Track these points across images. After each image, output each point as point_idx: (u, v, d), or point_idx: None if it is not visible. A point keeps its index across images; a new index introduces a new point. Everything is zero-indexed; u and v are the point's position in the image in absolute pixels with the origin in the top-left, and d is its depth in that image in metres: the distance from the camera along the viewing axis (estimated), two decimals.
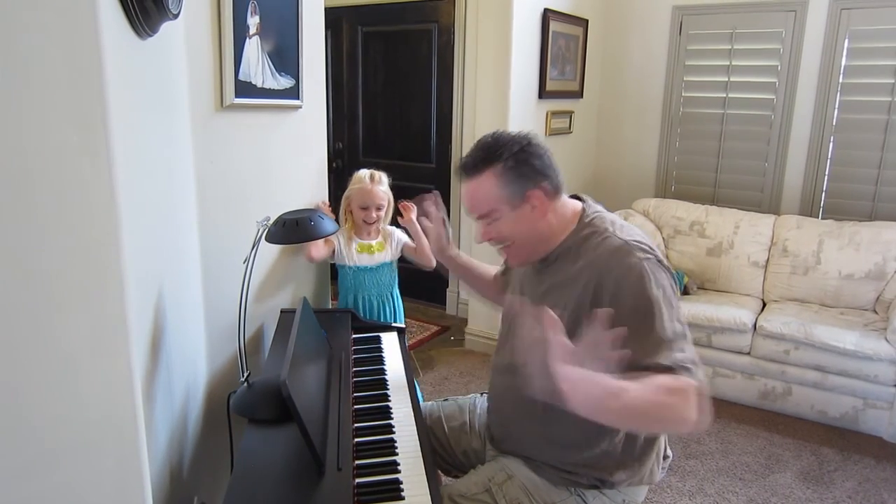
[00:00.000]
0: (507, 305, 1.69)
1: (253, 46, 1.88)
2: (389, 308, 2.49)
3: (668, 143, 4.37)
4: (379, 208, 2.38)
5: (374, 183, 2.37)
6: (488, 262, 1.93)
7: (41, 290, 0.82)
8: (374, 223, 2.39)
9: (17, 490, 0.84)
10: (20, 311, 0.81)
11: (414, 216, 2.15)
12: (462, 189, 1.50)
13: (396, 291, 2.54)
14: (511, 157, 1.43)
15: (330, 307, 2.57)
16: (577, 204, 1.54)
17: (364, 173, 2.41)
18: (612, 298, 1.34)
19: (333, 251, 2.38)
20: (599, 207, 1.55)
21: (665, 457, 1.61)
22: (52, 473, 0.87)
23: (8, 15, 0.74)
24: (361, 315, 2.39)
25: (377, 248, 2.42)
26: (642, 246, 1.39)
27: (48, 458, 0.86)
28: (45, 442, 0.86)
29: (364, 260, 2.39)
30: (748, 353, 3.30)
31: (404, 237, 2.48)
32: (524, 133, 1.50)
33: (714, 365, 3.39)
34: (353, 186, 2.40)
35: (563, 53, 4.00)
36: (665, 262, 1.41)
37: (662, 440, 1.55)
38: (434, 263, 2.41)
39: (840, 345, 3.02)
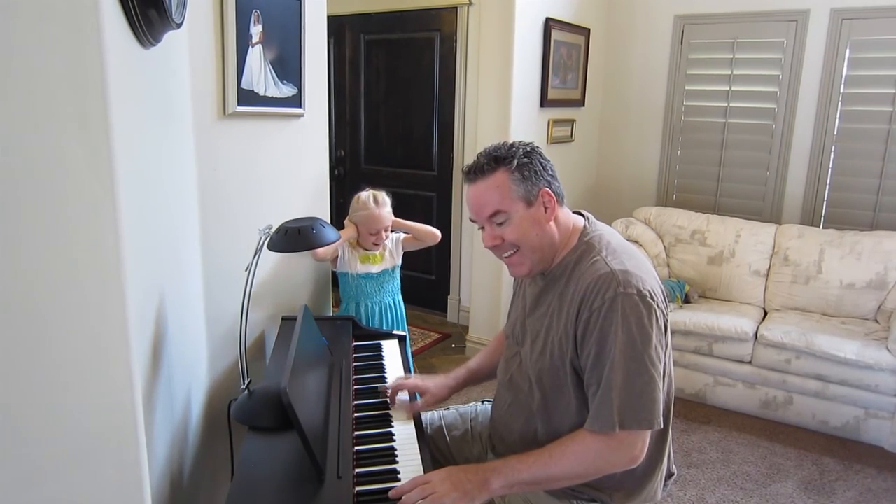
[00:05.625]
0: (510, 324, 1.69)
1: (256, 55, 1.89)
2: (392, 314, 2.50)
3: (669, 151, 4.38)
4: (386, 229, 2.41)
5: (380, 206, 2.39)
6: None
7: (42, 299, 0.82)
8: (381, 242, 2.43)
9: (17, 500, 0.84)
10: (20, 321, 0.81)
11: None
12: (470, 192, 1.46)
13: (399, 297, 2.55)
14: (524, 154, 1.43)
15: (331, 315, 2.57)
16: (579, 220, 1.53)
17: (367, 197, 2.39)
18: (584, 325, 1.36)
19: (337, 257, 2.40)
20: (601, 226, 1.53)
21: (670, 475, 1.61)
22: (52, 483, 0.87)
23: (11, 24, 0.75)
24: (365, 323, 2.40)
25: (379, 258, 2.44)
26: (628, 276, 1.34)
27: (48, 467, 0.86)
28: (46, 451, 0.86)
29: (367, 269, 2.41)
30: (749, 363, 3.30)
31: (399, 235, 2.52)
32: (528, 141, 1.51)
33: (715, 374, 3.38)
34: (359, 213, 2.39)
35: (565, 62, 4.01)
36: (654, 292, 1.36)
37: (665, 461, 1.54)
38: (439, 235, 2.54)
39: (841, 354, 3.02)
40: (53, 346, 0.84)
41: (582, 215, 1.55)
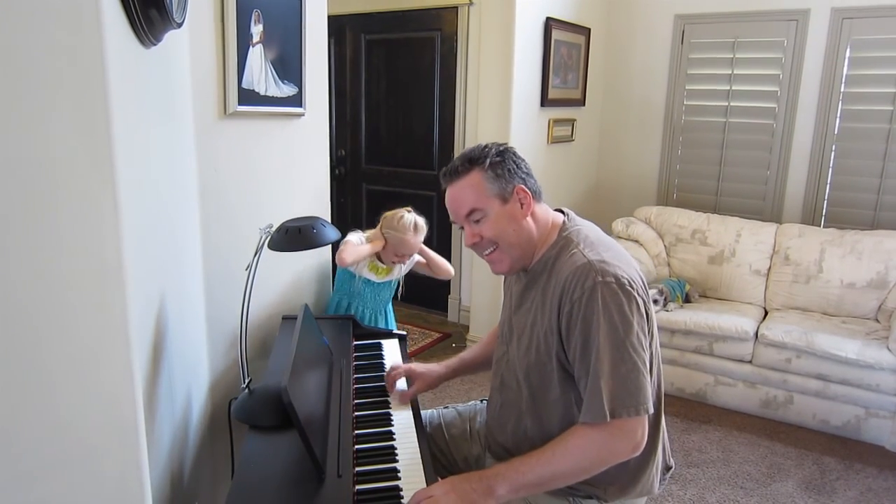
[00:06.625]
0: (500, 324, 1.69)
1: (256, 55, 1.90)
2: (381, 320, 2.49)
3: (670, 151, 4.38)
4: (412, 255, 2.40)
5: (418, 234, 2.34)
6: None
7: (43, 299, 0.82)
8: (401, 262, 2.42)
9: (19, 497, 0.84)
10: (22, 320, 0.81)
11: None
12: (448, 194, 1.52)
13: (390, 306, 2.55)
14: (497, 153, 1.48)
15: (331, 314, 2.57)
16: (559, 216, 1.55)
17: (409, 222, 2.32)
18: (566, 317, 1.37)
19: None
20: (580, 222, 1.54)
21: (667, 468, 1.61)
22: (53, 480, 0.87)
23: (12, 25, 0.75)
24: None
25: (385, 271, 2.42)
26: (605, 265, 1.35)
27: (49, 466, 0.86)
28: (47, 449, 0.86)
29: (371, 276, 2.40)
30: (750, 362, 3.30)
31: (416, 257, 2.48)
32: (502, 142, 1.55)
33: (715, 373, 3.38)
34: (396, 234, 2.33)
35: (566, 62, 4.01)
36: (633, 281, 1.36)
37: (660, 454, 1.54)
38: (453, 272, 2.54)
39: (842, 354, 3.02)
40: (54, 346, 0.84)
41: (563, 212, 1.57)
